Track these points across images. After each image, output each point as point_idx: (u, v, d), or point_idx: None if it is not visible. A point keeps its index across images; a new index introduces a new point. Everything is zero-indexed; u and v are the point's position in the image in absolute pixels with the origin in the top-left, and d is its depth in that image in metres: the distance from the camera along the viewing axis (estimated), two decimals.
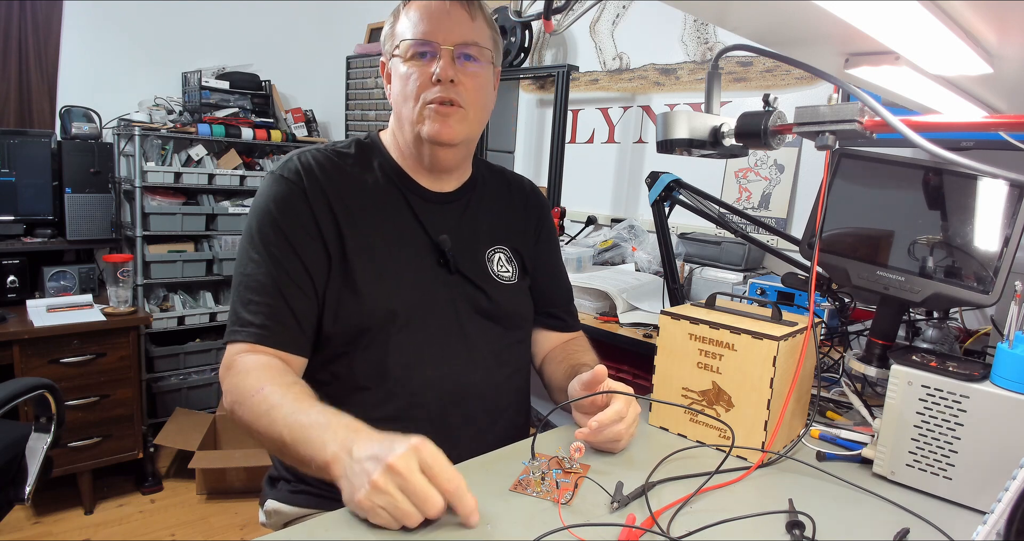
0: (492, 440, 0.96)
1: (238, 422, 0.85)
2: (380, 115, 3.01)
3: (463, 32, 0.95)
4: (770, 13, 0.59)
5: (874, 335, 1.03)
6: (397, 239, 0.99)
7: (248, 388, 0.82)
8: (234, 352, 0.89)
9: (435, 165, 1.02)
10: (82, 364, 2.21)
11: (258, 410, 0.80)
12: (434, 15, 0.94)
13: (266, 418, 0.78)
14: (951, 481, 0.80)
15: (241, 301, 0.91)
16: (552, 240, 1.20)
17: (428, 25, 0.94)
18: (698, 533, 0.69)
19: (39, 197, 2.44)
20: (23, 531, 2.19)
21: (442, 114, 0.95)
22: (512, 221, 1.13)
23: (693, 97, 2.14)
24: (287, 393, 0.80)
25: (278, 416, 0.77)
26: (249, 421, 0.82)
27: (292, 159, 0.97)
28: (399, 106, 0.99)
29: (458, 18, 0.95)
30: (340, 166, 0.99)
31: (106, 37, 2.86)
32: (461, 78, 0.95)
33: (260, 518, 1.06)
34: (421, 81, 0.94)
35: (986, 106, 0.90)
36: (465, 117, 0.97)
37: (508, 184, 1.16)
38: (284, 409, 0.77)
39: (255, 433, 0.82)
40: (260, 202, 0.95)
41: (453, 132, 0.96)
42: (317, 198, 0.94)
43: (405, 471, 0.62)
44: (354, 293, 0.93)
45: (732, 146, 0.84)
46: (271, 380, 0.83)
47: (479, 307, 1.02)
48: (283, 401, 0.79)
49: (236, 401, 0.84)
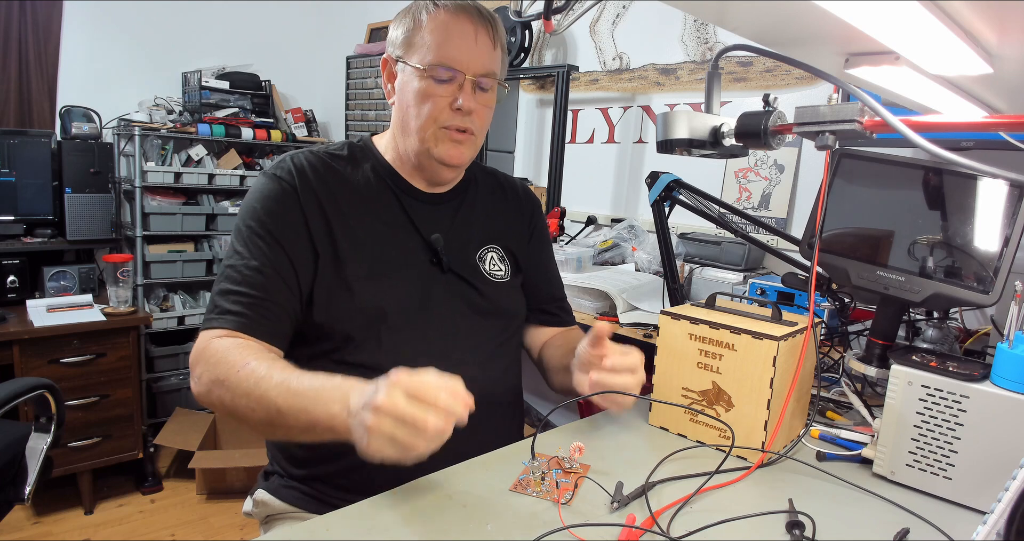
0: (486, 435, 0.97)
1: (216, 402, 0.83)
2: (380, 115, 3.01)
3: (485, 62, 0.95)
4: (770, 13, 0.59)
5: (874, 335, 1.03)
6: (390, 238, 0.99)
7: (231, 364, 0.81)
8: (209, 337, 0.88)
9: (436, 179, 1.04)
10: (82, 364, 2.20)
11: (245, 385, 0.79)
12: (464, 40, 0.93)
13: (256, 391, 0.77)
14: (951, 481, 0.80)
15: (221, 292, 0.91)
16: (544, 239, 1.21)
17: (456, 51, 0.93)
18: (698, 533, 0.69)
19: (39, 197, 2.44)
20: (23, 531, 2.19)
21: (456, 141, 0.97)
22: (505, 220, 1.14)
23: (693, 97, 2.14)
24: (273, 365, 0.80)
25: (269, 387, 0.77)
26: (233, 398, 0.80)
27: (285, 159, 0.98)
28: (407, 117, 0.98)
29: (484, 46, 0.95)
30: (332, 167, 1.00)
31: (106, 37, 2.86)
32: (476, 107, 0.96)
33: (245, 506, 1.06)
34: (440, 104, 0.95)
35: (986, 106, 0.90)
36: (475, 142, 1.00)
37: (500, 185, 1.18)
38: (274, 379, 0.77)
39: (240, 410, 0.80)
40: (250, 199, 0.96)
41: (464, 157, 0.99)
42: (308, 197, 0.95)
43: (389, 406, 0.64)
44: (347, 291, 0.94)
45: (732, 146, 0.84)
46: (254, 356, 0.82)
47: (472, 304, 1.03)
48: (271, 372, 0.78)
49: (216, 379, 0.82)
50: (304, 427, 0.74)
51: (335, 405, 0.71)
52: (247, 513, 1.05)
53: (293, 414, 0.74)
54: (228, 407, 0.82)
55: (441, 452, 0.67)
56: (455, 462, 0.84)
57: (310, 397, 0.74)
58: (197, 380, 0.86)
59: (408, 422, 0.63)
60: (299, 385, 0.75)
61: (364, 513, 0.71)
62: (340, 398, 0.71)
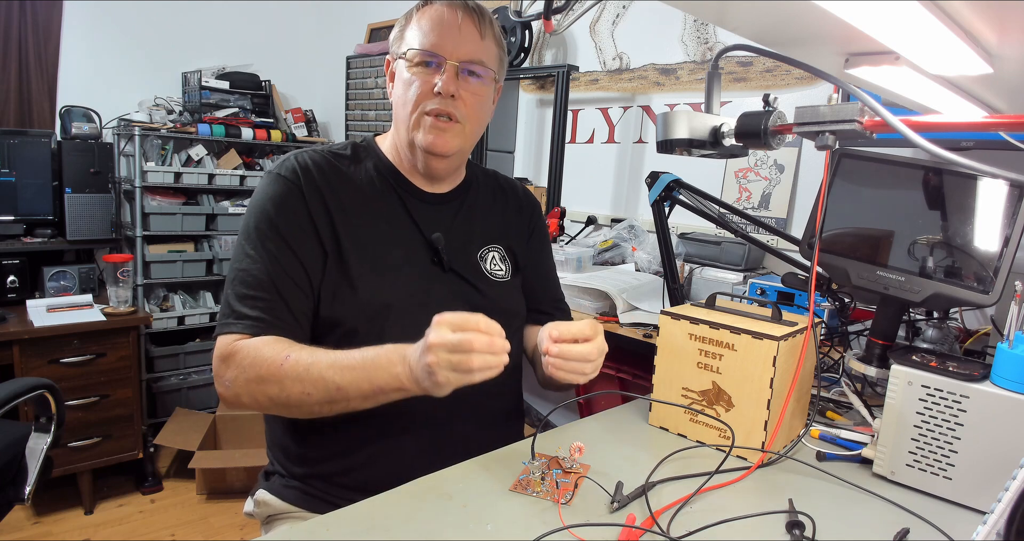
0: (486, 433, 0.97)
1: (260, 399, 0.85)
2: (380, 115, 3.01)
3: (470, 49, 0.96)
4: (770, 13, 0.59)
5: (874, 335, 1.03)
6: (392, 237, 1.00)
7: (271, 361, 0.84)
8: (230, 340, 0.88)
9: (429, 172, 1.04)
10: (82, 364, 2.20)
11: (294, 373, 0.82)
12: (445, 27, 0.95)
13: (309, 376, 0.82)
14: (951, 481, 0.80)
15: (236, 296, 0.91)
16: (544, 240, 1.22)
17: (437, 37, 0.95)
18: (698, 533, 0.69)
19: (39, 197, 2.44)
20: (23, 531, 2.19)
21: (439, 127, 0.97)
22: (505, 221, 1.14)
23: (693, 97, 2.14)
24: (315, 351, 0.85)
25: (322, 368, 0.82)
26: (282, 390, 0.83)
27: (290, 159, 0.99)
28: (398, 108, 1.00)
29: (468, 34, 0.96)
30: (336, 166, 1.00)
31: (106, 37, 2.86)
32: (462, 93, 0.96)
33: (246, 507, 1.06)
34: (423, 90, 0.95)
35: (986, 106, 0.90)
36: (461, 131, 0.99)
37: (501, 186, 1.18)
38: (324, 362, 0.82)
39: (294, 397, 0.83)
40: (257, 200, 0.96)
41: (448, 145, 0.98)
42: (313, 196, 0.96)
43: (439, 340, 0.73)
44: (350, 288, 0.94)
45: (732, 146, 0.84)
46: (290, 347, 0.86)
47: (473, 304, 1.03)
48: (316, 357, 0.83)
49: (257, 377, 0.84)
50: (368, 394, 0.81)
51: (397, 366, 0.79)
52: (248, 513, 1.05)
53: (356, 386, 0.81)
54: (276, 399, 0.85)
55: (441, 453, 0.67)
56: (455, 463, 0.84)
57: (368, 367, 0.81)
58: (228, 384, 0.87)
59: (458, 346, 0.72)
60: (351, 360, 0.82)
61: (364, 513, 0.71)
62: (399, 359, 0.79)
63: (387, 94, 1.05)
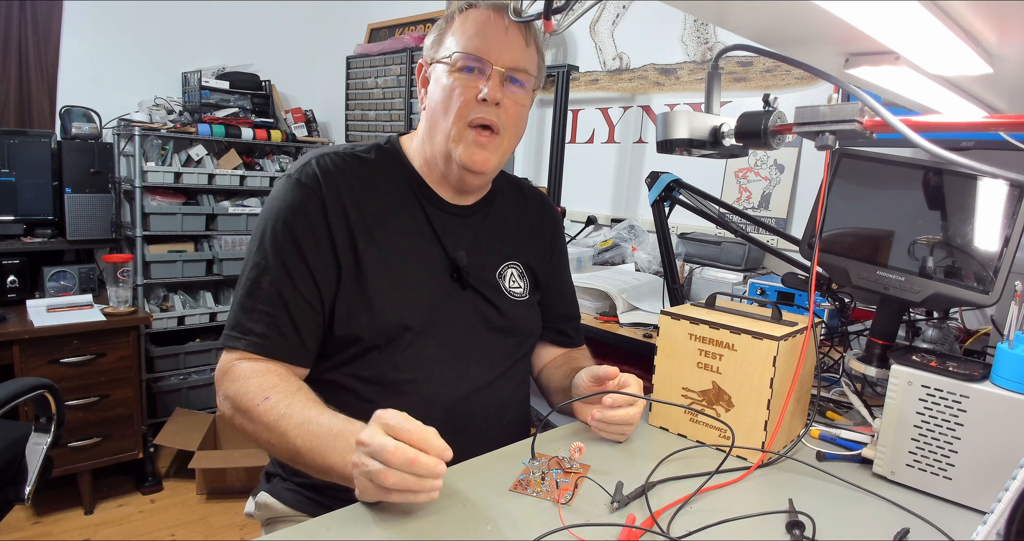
0: (491, 449, 0.96)
1: (239, 429, 0.85)
2: (380, 115, 3.01)
3: (516, 56, 0.93)
4: (770, 13, 0.59)
5: (874, 335, 1.03)
6: (413, 251, 0.97)
7: (252, 396, 0.82)
8: (232, 358, 0.88)
9: (461, 186, 1.00)
10: (82, 364, 2.20)
11: (266, 420, 0.79)
12: (492, 32, 0.92)
13: (277, 429, 0.78)
14: (951, 481, 0.80)
15: (244, 307, 0.89)
16: (563, 256, 1.20)
17: (484, 41, 0.91)
18: (698, 533, 0.69)
19: (39, 197, 2.44)
20: (23, 531, 2.19)
21: (480, 143, 0.93)
22: (527, 236, 1.12)
23: (693, 97, 2.14)
24: (293, 402, 0.80)
25: (289, 426, 0.77)
26: (255, 430, 0.82)
27: (311, 162, 0.94)
28: (436, 116, 0.95)
29: (514, 40, 0.93)
30: (359, 173, 0.96)
31: (106, 37, 2.86)
32: (506, 102, 0.93)
33: (247, 508, 1.05)
34: (466, 97, 0.91)
35: (986, 106, 0.90)
36: (500, 145, 0.96)
37: (525, 198, 1.15)
38: (294, 419, 0.77)
39: (261, 442, 0.82)
40: (275, 206, 0.92)
41: (487, 163, 0.95)
42: (334, 206, 0.91)
43: (369, 440, 0.66)
44: (367, 305, 0.91)
45: (732, 146, 0.84)
46: (274, 388, 0.82)
47: (490, 322, 1.01)
48: (290, 410, 0.78)
49: (238, 409, 0.83)
50: (320, 469, 0.75)
51: (347, 454, 0.70)
52: (249, 514, 1.05)
53: (311, 456, 0.75)
54: (250, 435, 0.83)
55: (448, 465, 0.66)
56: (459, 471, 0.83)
57: (327, 442, 0.74)
58: (220, 402, 0.87)
59: (377, 454, 0.65)
60: (318, 428, 0.75)
61: (364, 514, 0.71)
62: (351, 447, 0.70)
63: (418, 98, 1.01)
